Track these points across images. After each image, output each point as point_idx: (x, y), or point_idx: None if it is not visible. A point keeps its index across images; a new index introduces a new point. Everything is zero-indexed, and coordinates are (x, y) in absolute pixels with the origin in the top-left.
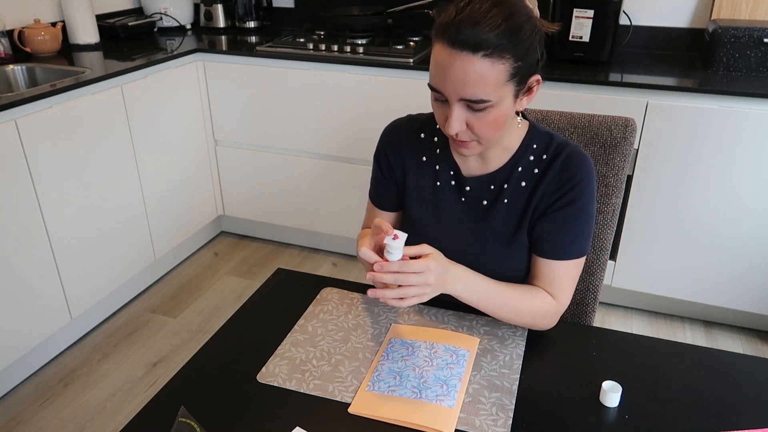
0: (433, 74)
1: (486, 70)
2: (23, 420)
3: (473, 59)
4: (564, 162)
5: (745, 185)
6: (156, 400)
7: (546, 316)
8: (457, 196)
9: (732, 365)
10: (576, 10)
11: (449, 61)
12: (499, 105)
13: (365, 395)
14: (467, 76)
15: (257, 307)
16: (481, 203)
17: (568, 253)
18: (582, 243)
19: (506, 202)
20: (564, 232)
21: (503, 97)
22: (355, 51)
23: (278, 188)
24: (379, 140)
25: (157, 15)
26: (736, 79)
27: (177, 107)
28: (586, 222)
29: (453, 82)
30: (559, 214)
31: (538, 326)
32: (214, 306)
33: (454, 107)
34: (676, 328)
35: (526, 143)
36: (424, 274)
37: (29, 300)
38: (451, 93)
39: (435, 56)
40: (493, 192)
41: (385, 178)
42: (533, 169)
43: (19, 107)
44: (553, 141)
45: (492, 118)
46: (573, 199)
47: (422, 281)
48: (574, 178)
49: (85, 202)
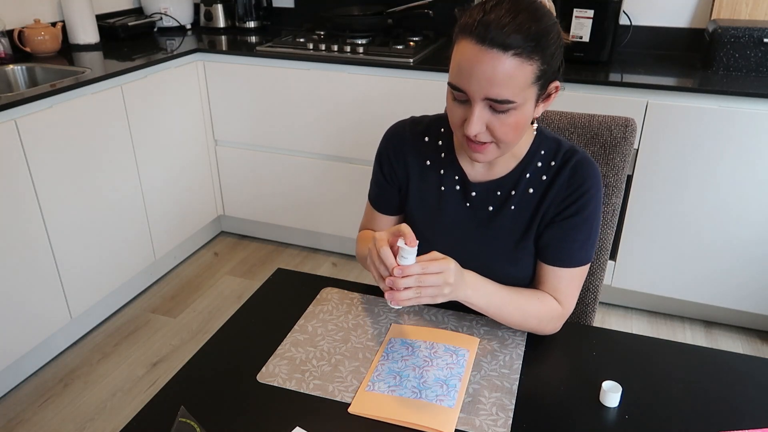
0: (455, 72)
1: (515, 70)
2: (23, 420)
3: (503, 57)
4: (573, 170)
5: (744, 185)
6: (156, 400)
7: (552, 320)
8: (461, 202)
9: (732, 365)
10: (576, 10)
11: (478, 58)
12: (521, 108)
13: (365, 395)
14: (495, 75)
15: (257, 307)
16: (486, 209)
17: (575, 261)
18: (588, 250)
19: (513, 208)
20: (571, 240)
21: (527, 99)
22: (355, 51)
23: (278, 188)
24: (381, 143)
25: (157, 15)
26: (736, 79)
27: (177, 107)
28: (592, 230)
29: (479, 80)
30: (567, 222)
31: (543, 331)
32: (214, 306)
33: (476, 107)
34: (676, 328)
35: (534, 149)
36: (444, 273)
37: (29, 300)
38: (476, 91)
39: (460, 53)
40: (500, 198)
41: (387, 182)
42: (541, 176)
43: (19, 107)
44: (561, 147)
45: (514, 121)
46: (581, 208)
47: (442, 281)
48: (583, 187)
49: (85, 202)
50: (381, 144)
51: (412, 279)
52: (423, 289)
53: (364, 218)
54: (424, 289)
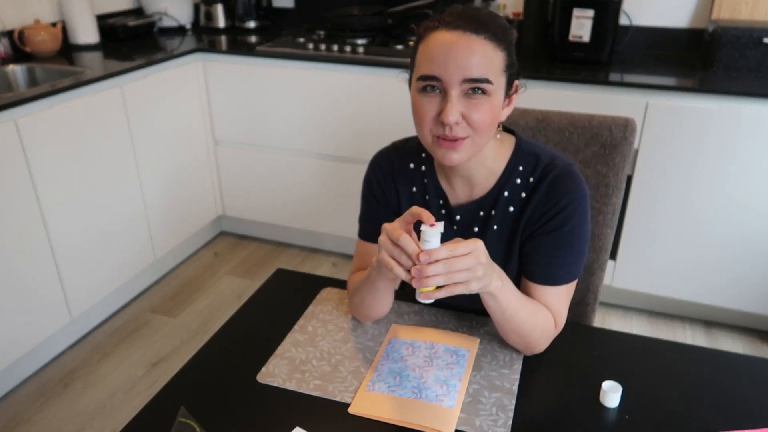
0: (428, 62)
1: (489, 51)
2: (23, 420)
3: (477, 39)
4: (550, 185)
5: (744, 185)
6: (156, 400)
7: (549, 337)
8: (448, 225)
9: (732, 365)
10: (576, 10)
11: (452, 41)
12: (495, 95)
13: (365, 395)
14: (473, 54)
15: (257, 307)
16: (471, 230)
17: (558, 279)
18: (571, 267)
19: (495, 228)
20: (553, 257)
21: (499, 87)
22: (355, 51)
23: (278, 188)
24: (369, 172)
25: (157, 15)
26: (736, 79)
27: (177, 107)
28: (575, 246)
29: (456, 61)
30: (546, 238)
31: (536, 347)
32: (214, 306)
33: (453, 92)
34: (676, 328)
35: (511, 166)
36: (474, 253)
37: (29, 300)
38: (454, 74)
39: (432, 43)
40: (482, 218)
41: (381, 205)
42: (520, 193)
43: (19, 107)
44: (539, 162)
45: (489, 108)
46: (560, 224)
47: (474, 261)
48: (561, 202)
49: (85, 202)
50: (368, 173)
51: (440, 265)
52: (454, 275)
53: (354, 262)
54: (455, 274)
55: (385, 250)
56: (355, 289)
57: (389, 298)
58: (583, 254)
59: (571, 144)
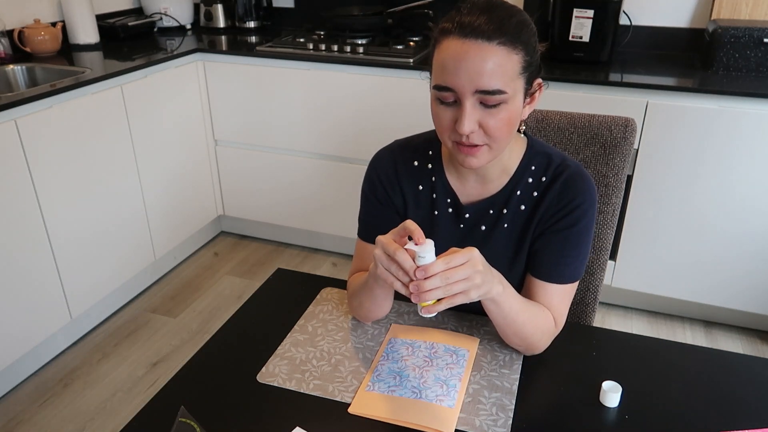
0: (441, 72)
1: (502, 58)
2: (23, 420)
3: (489, 47)
4: (563, 184)
5: (744, 185)
6: (156, 400)
7: (549, 337)
8: (454, 224)
9: (732, 365)
10: (576, 10)
11: (463, 51)
12: (512, 101)
13: (365, 395)
14: (484, 65)
15: (257, 307)
16: (479, 229)
17: (564, 277)
18: (578, 267)
19: (506, 226)
20: (561, 255)
21: (516, 92)
22: (355, 51)
23: (278, 188)
24: (370, 170)
25: (157, 15)
26: (736, 79)
27: (177, 107)
28: (583, 246)
29: (468, 72)
30: (557, 236)
31: (536, 348)
32: (214, 306)
33: (467, 103)
34: (676, 328)
35: (524, 164)
36: (471, 262)
37: (29, 300)
38: (466, 85)
39: (444, 52)
40: (492, 217)
41: (383, 206)
42: (532, 192)
43: (19, 107)
44: (552, 162)
45: (506, 116)
46: (572, 223)
47: (471, 271)
48: (574, 202)
49: (85, 202)
50: (370, 171)
51: (437, 278)
52: (452, 286)
53: (354, 262)
54: (454, 285)
55: (381, 265)
56: (353, 293)
57: (388, 301)
58: (587, 255)
59: (571, 144)
